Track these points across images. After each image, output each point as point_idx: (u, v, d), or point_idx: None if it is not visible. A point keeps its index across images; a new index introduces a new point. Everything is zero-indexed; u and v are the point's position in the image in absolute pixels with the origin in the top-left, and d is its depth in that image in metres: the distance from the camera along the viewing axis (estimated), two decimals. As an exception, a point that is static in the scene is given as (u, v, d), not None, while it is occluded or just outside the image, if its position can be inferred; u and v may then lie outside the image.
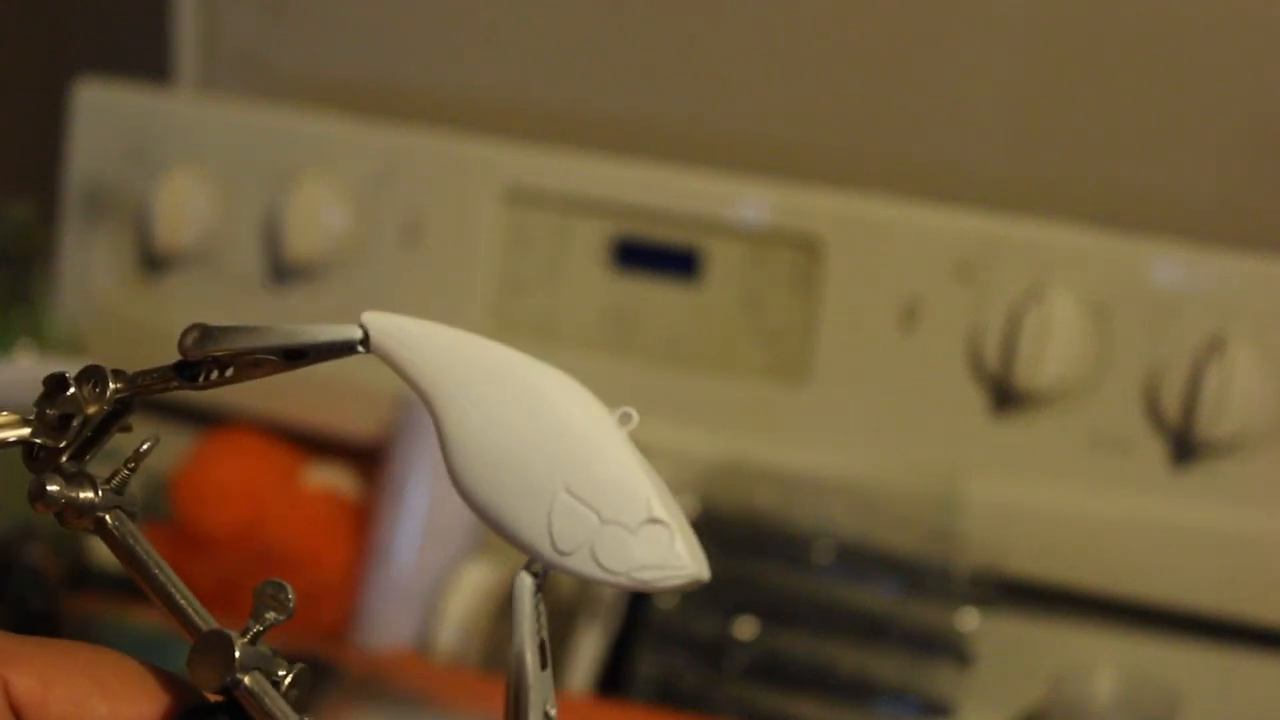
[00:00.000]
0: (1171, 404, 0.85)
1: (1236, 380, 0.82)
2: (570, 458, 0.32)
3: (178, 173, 1.01)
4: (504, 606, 0.89)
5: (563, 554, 0.32)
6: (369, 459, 0.97)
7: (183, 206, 1.01)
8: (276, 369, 0.34)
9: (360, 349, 0.34)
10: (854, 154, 0.93)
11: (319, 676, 0.81)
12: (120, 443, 0.35)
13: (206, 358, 0.33)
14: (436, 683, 0.86)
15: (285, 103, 1.03)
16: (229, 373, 0.34)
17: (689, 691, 0.86)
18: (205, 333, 0.33)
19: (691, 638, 0.86)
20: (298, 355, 0.33)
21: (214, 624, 0.33)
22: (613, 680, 0.88)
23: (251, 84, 1.05)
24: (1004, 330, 0.87)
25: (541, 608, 0.33)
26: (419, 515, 0.92)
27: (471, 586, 0.90)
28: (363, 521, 0.95)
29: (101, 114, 1.04)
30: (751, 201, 0.91)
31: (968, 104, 0.91)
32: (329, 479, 0.99)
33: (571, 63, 0.98)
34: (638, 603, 0.88)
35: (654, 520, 0.32)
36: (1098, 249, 0.86)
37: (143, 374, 0.34)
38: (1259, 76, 0.86)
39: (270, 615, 0.33)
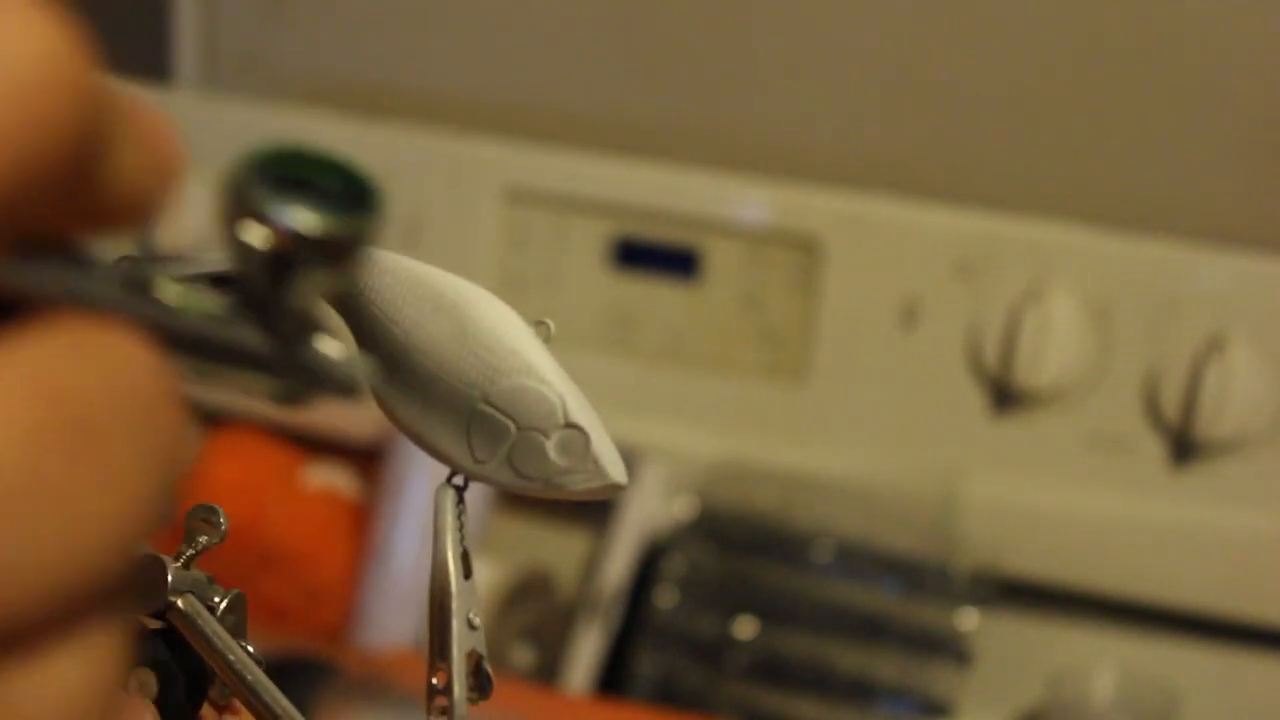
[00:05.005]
0: (1171, 404, 0.85)
1: (1236, 380, 0.82)
2: (488, 369, 0.32)
3: (177, 173, 1.01)
4: (504, 606, 0.89)
5: (480, 463, 0.32)
6: (369, 459, 0.97)
7: (182, 207, 1.01)
8: None
9: None
10: (854, 154, 0.93)
11: (319, 676, 0.81)
12: None
13: None
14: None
15: (285, 103, 1.03)
16: None
17: (689, 691, 0.86)
18: None
19: (691, 638, 0.86)
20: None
21: (149, 550, 0.33)
22: (613, 680, 0.88)
23: (251, 84, 1.05)
24: (1004, 330, 0.87)
25: (464, 519, 0.33)
26: (419, 515, 0.92)
27: (471, 586, 0.90)
28: (363, 521, 0.95)
29: (101, 114, 1.04)
30: (751, 201, 0.91)
31: (968, 104, 0.91)
32: (329, 479, 0.99)
33: (571, 63, 0.98)
34: (638, 603, 0.88)
35: (570, 426, 0.32)
36: (1098, 249, 0.86)
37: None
38: (1260, 78, 0.86)
39: (202, 539, 0.34)
